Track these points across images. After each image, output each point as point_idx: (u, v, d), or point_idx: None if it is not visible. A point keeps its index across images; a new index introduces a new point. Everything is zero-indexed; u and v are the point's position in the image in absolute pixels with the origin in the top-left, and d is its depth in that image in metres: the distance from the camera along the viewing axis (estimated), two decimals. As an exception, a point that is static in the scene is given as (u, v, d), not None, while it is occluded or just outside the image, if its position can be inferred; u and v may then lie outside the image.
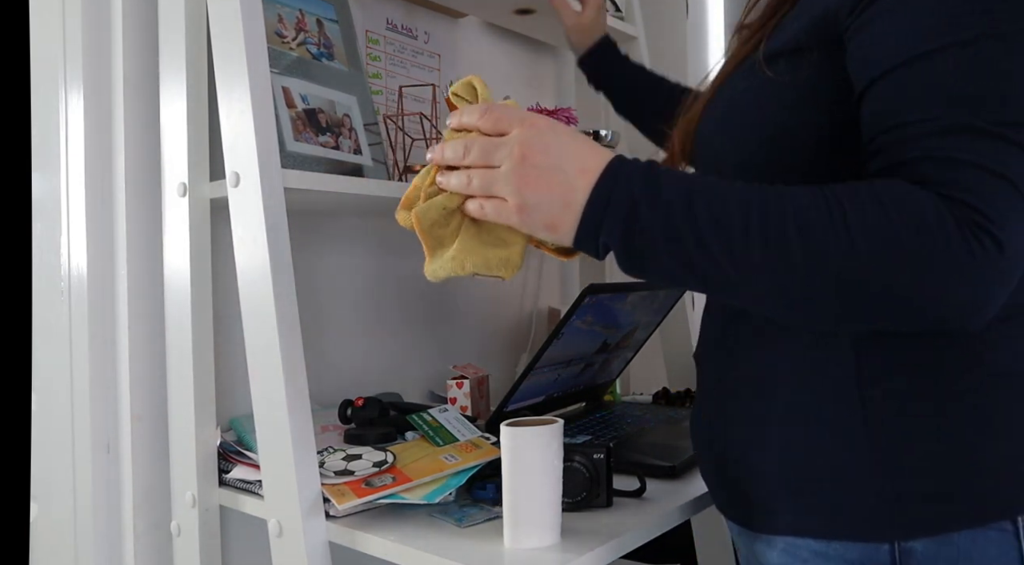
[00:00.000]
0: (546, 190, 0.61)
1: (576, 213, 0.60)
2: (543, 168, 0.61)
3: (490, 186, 0.63)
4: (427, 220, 0.66)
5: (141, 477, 0.99)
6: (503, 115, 0.64)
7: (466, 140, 0.65)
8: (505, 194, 0.62)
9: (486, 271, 0.66)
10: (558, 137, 0.62)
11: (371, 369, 1.28)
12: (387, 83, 1.35)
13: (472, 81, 0.71)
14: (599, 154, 0.62)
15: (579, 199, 0.60)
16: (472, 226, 0.66)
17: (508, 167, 0.62)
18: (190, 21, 0.94)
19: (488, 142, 0.63)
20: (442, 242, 0.67)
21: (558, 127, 0.63)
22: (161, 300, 0.99)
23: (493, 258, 0.66)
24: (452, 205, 0.65)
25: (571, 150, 0.62)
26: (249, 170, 0.86)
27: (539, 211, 0.61)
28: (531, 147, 0.61)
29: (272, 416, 0.84)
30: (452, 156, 0.65)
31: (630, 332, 1.34)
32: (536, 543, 0.74)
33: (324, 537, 0.83)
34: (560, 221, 0.61)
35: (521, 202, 0.61)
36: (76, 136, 1.00)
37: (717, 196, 0.57)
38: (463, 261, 0.66)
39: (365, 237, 1.28)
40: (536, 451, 0.73)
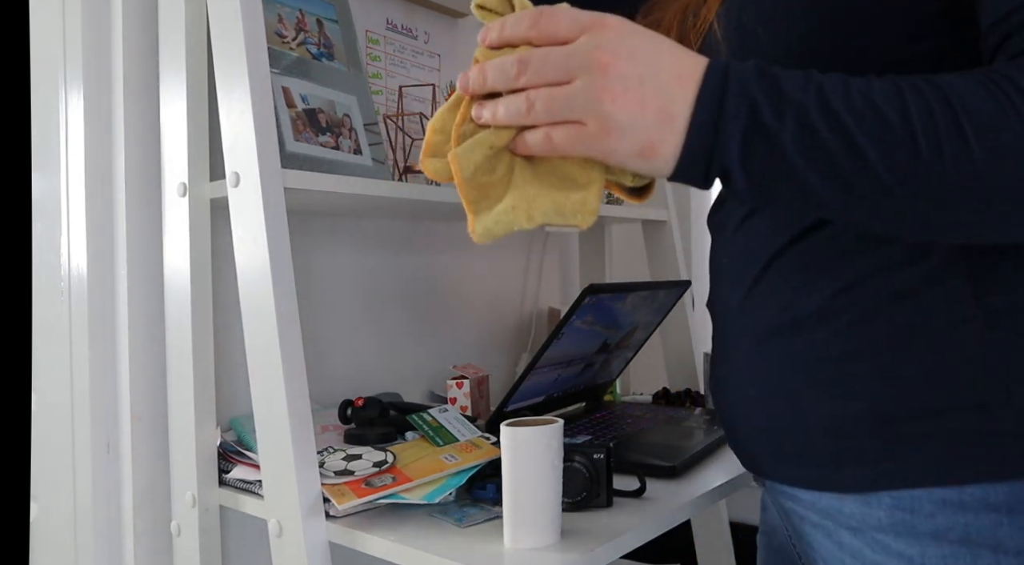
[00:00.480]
0: (639, 104, 0.48)
1: (681, 129, 0.48)
2: (631, 78, 0.48)
3: (563, 108, 0.49)
4: (471, 164, 0.51)
5: (141, 477, 0.99)
6: (564, 18, 0.50)
7: (518, 53, 0.50)
8: (583, 116, 0.49)
9: (560, 220, 0.52)
10: (643, 38, 0.50)
11: (371, 369, 1.28)
12: (387, 83, 1.35)
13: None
14: (694, 56, 0.50)
15: (681, 111, 0.48)
16: (527, 167, 0.53)
17: (586, 81, 0.49)
18: (190, 21, 0.94)
19: (553, 51, 0.50)
20: (487, 192, 0.52)
21: (637, 28, 0.51)
22: (161, 300, 0.99)
23: (567, 203, 0.52)
24: (501, 142, 0.51)
25: (661, 52, 0.50)
26: (249, 170, 0.86)
27: (632, 132, 0.49)
28: (612, 52, 0.49)
29: (272, 416, 0.84)
30: (499, 77, 0.51)
31: (630, 332, 1.34)
32: (536, 543, 0.74)
33: (324, 537, 0.83)
34: (659, 142, 0.49)
35: (607, 123, 0.49)
36: (76, 136, 1.00)
37: (854, 88, 0.47)
38: (528, 210, 0.51)
39: (365, 237, 1.28)
40: (536, 451, 0.73)
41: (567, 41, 0.50)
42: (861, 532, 0.59)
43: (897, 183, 0.46)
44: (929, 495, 0.55)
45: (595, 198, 0.52)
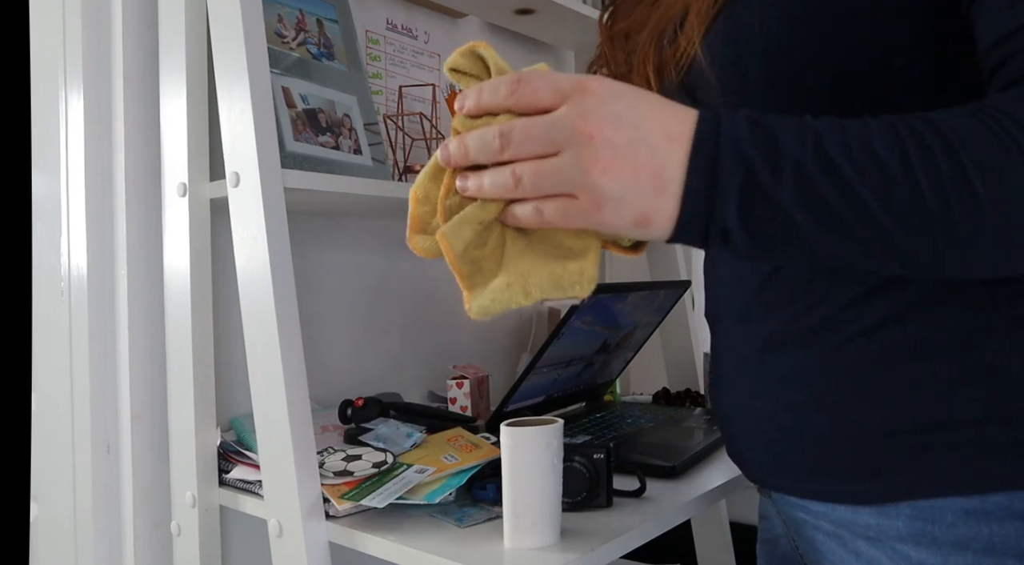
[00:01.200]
0: (630, 173, 0.46)
1: (675, 196, 0.46)
2: (620, 145, 0.46)
3: (552, 183, 0.47)
4: (460, 242, 0.49)
5: (141, 477, 0.99)
6: (544, 85, 0.48)
7: (499, 125, 0.48)
8: (573, 188, 0.47)
9: (558, 294, 0.50)
10: (626, 100, 0.47)
11: (371, 369, 1.28)
12: (387, 83, 1.35)
13: (476, 48, 0.53)
14: (681, 112, 0.48)
15: (676, 177, 0.46)
16: (519, 239, 0.51)
17: (573, 153, 0.46)
18: (190, 21, 0.94)
19: (536, 122, 0.47)
20: (480, 266, 0.51)
21: (619, 87, 0.48)
22: (161, 300, 0.99)
23: (564, 275, 0.50)
24: (490, 216, 0.49)
25: (646, 113, 0.47)
26: (249, 170, 0.86)
27: (625, 203, 0.46)
28: (597, 120, 0.46)
29: (272, 416, 0.84)
30: (481, 150, 0.49)
31: (630, 332, 1.34)
32: (536, 543, 0.74)
33: (324, 537, 0.83)
34: (654, 210, 0.47)
35: (598, 196, 0.46)
36: (76, 136, 1.00)
37: (852, 135, 0.45)
38: (525, 287, 0.49)
39: (365, 237, 1.28)
40: (536, 451, 0.73)
41: (548, 109, 0.48)
42: (879, 542, 0.58)
43: (904, 233, 0.45)
44: (951, 504, 0.54)
45: (593, 266, 0.50)
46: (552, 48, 1.72)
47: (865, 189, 0.44)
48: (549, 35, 1.61)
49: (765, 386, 0.64)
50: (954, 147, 0.44)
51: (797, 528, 0.67)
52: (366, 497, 0.81)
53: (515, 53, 1.63)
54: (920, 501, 0.55)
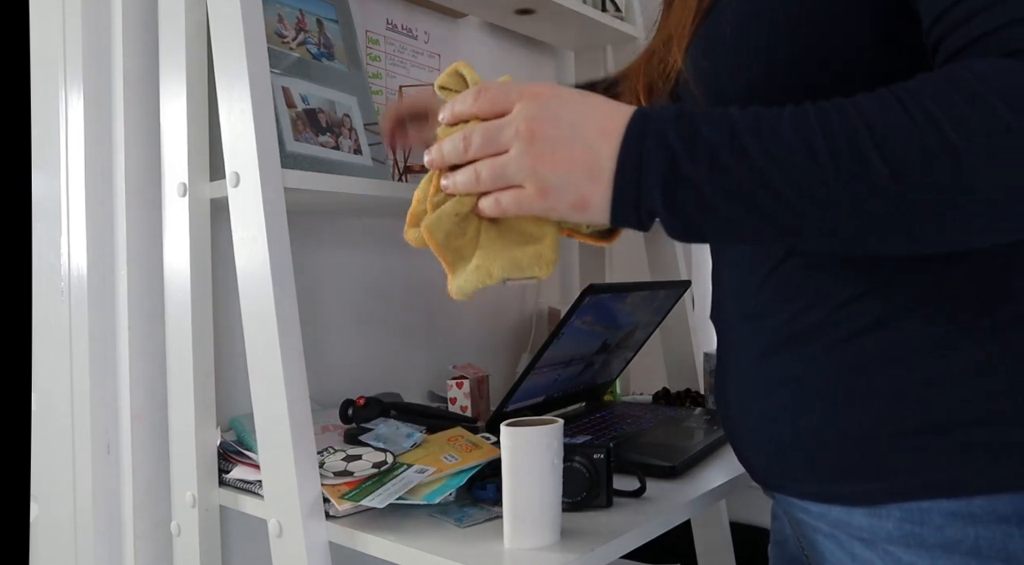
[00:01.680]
0: (566, 164, 0.53)
1: (607, 183, 0.52)
2: (557, 140, 0.53)
3: (502, 175, 0.55)
4: (440, 232, 0.58)
5: (141, 477, 0.99)
6: (499, 93, 0.56)
7: (464, 131, 0.57)
8: (521, 180, 0.55)
9: (518, 274, 0.58)
10: (567, 102, 0.55)
11: (371, 369, 1.28)
12: (387, 83, 1.35)
13: (458, 68, 0.62)
14: (618, 111, 0.53)
15: (606, 165, 0.52)
16: (492, 228, 0.59)
17: (518, 148, 0.54)
18: (190, 21, 0.94)
19: (489, 126, 0.56)
20: (462, 254, 0.59)
21: (563, 92, 0.55)
22: (161, 300, 0.99)
23: (523, 257, 0.58)
24: (464, 209, 0.57)
25: (585, 113, 0.54)
26: (249, 170, 0.86)
27: (564, 190, 0.53)
28: (538, 120, 0.54)
29: (272, 416, 0.84)
30: (452, 153, 0.58)
31: (630, 332, 1.34)
32: (536, 543, 0.74)
33: (324, 537, 0.83)
34: (590, 195, 0.53)
35: (541, 185, 0.54)
36: (76, 136, 1.00)
37: (767, 124, 0.49)
38: (489, 268, 0.58)
39: (365, 237, 1.28)
40: (536, 451, 0.73)
41: (504, 113, 0.56)
42: (872, 543, 0.59)
43: (810, 207, 0.47)
44: (938, 507, 0.55)
45: (550, 249, 0.59)
46: (552, 48, 1.72)
47: (772, 168, 0.47)
48: (549, 35, 1.61)
49: (765, 387, 0.64)
50: (856, 128, 0.46)
51: (800, 529, 0.68)
52: (366, 497, 0.81)
53: (515, 53, 1.63)
54: (909, 503, 0.56)
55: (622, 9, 1.59)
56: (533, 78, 1.67)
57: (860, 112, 0.47)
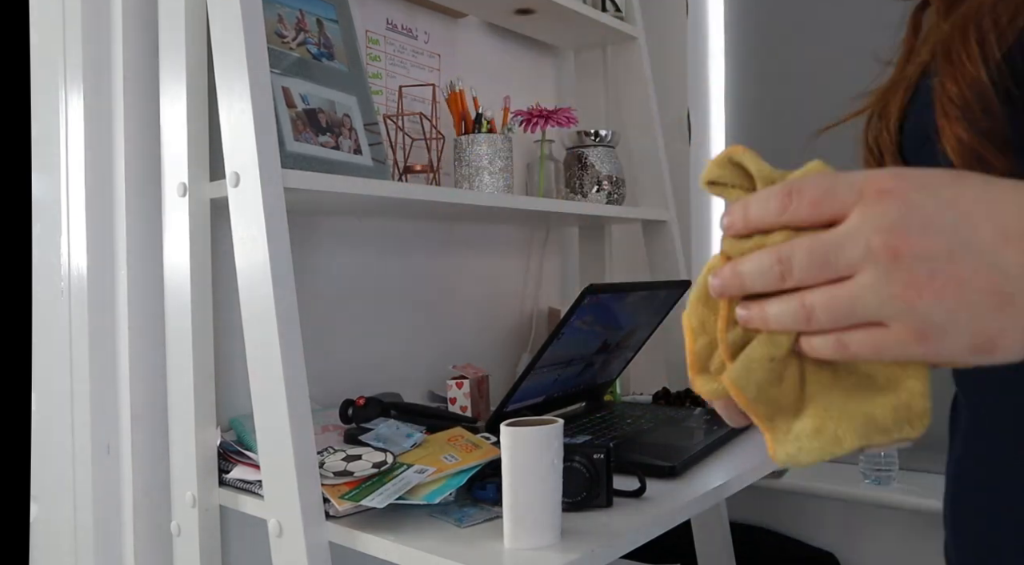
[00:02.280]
0: (956, 292, 0.36)
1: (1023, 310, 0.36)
2: (937, 257, 0.36)
3: (851, 313, 0.38)
4: (752, 386, 0.42)
5: (141, 477, 0.99)
6: (822, 192, 0.39)
7: (777, 248, 0.40)
8: (884, 317, 0.37)
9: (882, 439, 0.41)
10: (939, 196, 0.37)
11: (371, 369, 1.28)
12: (387, 83, 1.35)
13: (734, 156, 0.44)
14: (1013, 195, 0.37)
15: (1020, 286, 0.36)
16: (823, 370, 0.42)
17: (875, 274, 0.37)
18: (190, 21, 0.94)
19: (819, 243, 0.38)
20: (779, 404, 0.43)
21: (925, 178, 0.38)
22: (161, 300, 0.99)
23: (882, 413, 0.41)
24: (781, 351, 0.41)
25: (972, 210, 0.37)
26: (249, 170, 0.86)
27: (956, 329, 0.36)
28: (901, 229, 0.36)
29: (272, 416, 0.84)
30: (759, 278, 0.40)
31: (630, 332, 1.34)
32: (536, 543, 0.74)
33: (324, 537, 0.83)
34: (998, 332, 0.36)
35: (921, 324, 0.37)
36: (76, 136, 1.00)
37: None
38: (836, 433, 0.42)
39: (365, 237, 1.28)
40: (536, 451, 0.73)
41: (834, 220, 0.39)
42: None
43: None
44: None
45: (921, 397, 0.40)
46: (552, 48, 1.72)
47: None
48: (549, 35, 1.61)
49: None
50: None
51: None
52: (366, 497, 0.81)
53: (515, 53, 1.63)
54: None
55: (622, 9, 1.59)
56: (533, 78, 1.67)
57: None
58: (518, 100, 1.50)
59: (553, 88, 1.73)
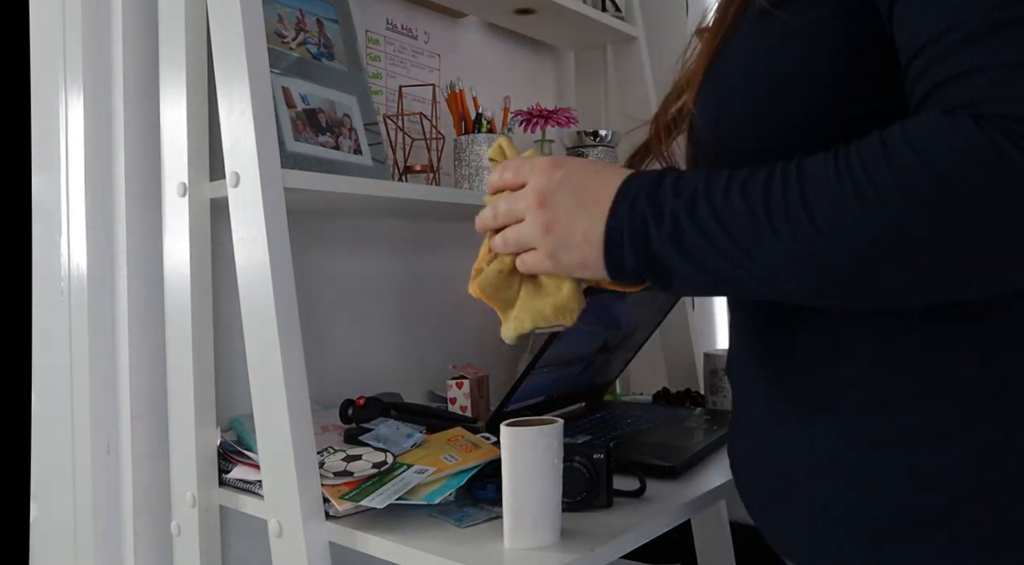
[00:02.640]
0: (567, 231, 0.60)
1: (598, 246, 0.59)
2: (559, 209, 0.61)
3: (519, 240, 0.63)
4: (490, 287, 0.67)
5: (141, 477, 0.99)
6: (518, 167, 0.64)
7: (493, 203, 0.66)
8: (534, 244, 0.62)
9: (544, 323, 0.66)
10: (569, 174, 0.62)
11: (371, 369, 1.28)
12: (387, 83, 1.35)
13: (500, 143, 0.72)
14: (613, 179, 0.60)
15: (597, 231, 0.59)
16: (529, 281, 0.67)
17: (529, 217, 0.62)
18: (190, 21, 0.94)
19: (509, 197, 0.64)
20: (511, 303, 0.68)
21: (570, 165, 0.62)
22: (161, 300, 0.99)
23: (547, 308, 0.65)
24: (506, 267, 0.66)
25: (583, 184, 0.61)
26: (249, 170, 0.86)
27: (567, 253, 0.61)
28: (544, 191, 0.62)
29: (272, 416, 0.84)
30: (488, 220, 0.66)
31: (630, 332, 1.34)
32: (536, 543, 0.74)
33: (324, 537, 0.83)
34: (588, 258, 0.60)
35: (548, 248, 0.61)
36: (76, 136, 1.00)
37: (725, 188, 0.53)
38: (521, 319, 0.66)
39: (365, 237, 1.28)
40: (536, 451, 0.73)
41: (522, 185, 0.64)
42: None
43: (759, 268, 0.52)
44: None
45: (571, 299, 0.65)
46: (552, 48, 1.72)
47: (722, 232, 0.52)
48: (549, 35, 1.61)
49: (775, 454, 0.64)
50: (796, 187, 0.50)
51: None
52: (366, 497, 0.81)
53: (515, 53, 1.63)
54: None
55: (622, 9, 1.59)
56: (533, 78, 1.67)
57: (801, 178, 0.50)
58: (518, 100, 1.50)
59: (553, 88, 1.73)
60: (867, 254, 0.48)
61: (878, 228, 0.47)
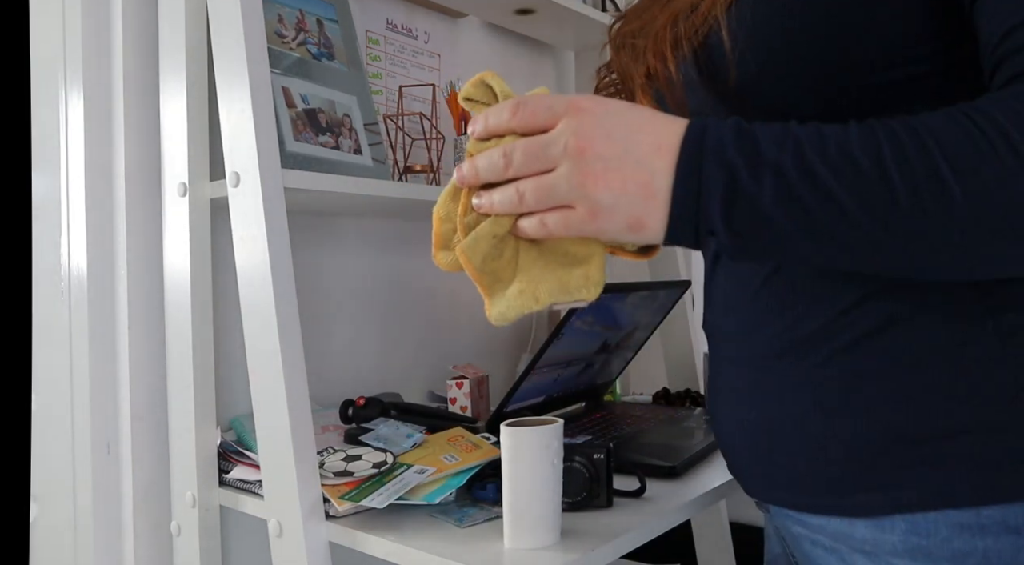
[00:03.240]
0: (620, 184, 0.50)
1: (664, 202, 0.50)
2: (610, 158, 0.50)
3: (550, 195, 0.51)
4: (478, 255, 0.54)
5: (141, 477, 0.99)
6: (541, 106, 0.52)
7: (503, 146, 0.53)
8: (570, 200, 0.51)
9: (565, 298, 0.54)
10: (617, 115, 0.51)
11: (371, 369, 1.28)
12: (387, 83, 1.35)
13: (485, 78, 0.57)
14: (672, 124, 0.51)
15: (663, 184, 0.49)
16: (532, 248, 0.55)
17: (567, 167, 0.50)
18: (190, 21, 0.94)
19: (533, 142, 0.52)
20: (499, 276, 0.55)
21: (612, 105, 0.52)
22: (161, 300, 0.99)
23: (570, 279, 0.55)
24: (503, 230, 0.54)
25: (638, 126, 0.51)
26: (249, 170, 0.86)
27: (618, 211, 0.50)
28: (588, 136, 0.50)
29: (272, 416, 0.84)
30: (489, 170, 0.53)
31: (630, 332, 1.34)
32: (536, 543, 0.74)
33: (324, 537, 0.83)
34: (646, 216, 0.50)
35: (593, 205, 0.50)
36: (76, 136, 1.00)
37: (831, 139, 0.47)
38: (535, 293, 0.54)
39: (365, 237, 1.28)
40: (536, 451, 0.73)
41: (546, 129, 0.52)
42: (876, 556, 0.57)
43: (880, 231, 0.46)
44: (945, 518, 0.53)
45: (597, 270, 0.55)
46: (552, 48, 1.72)
47: (841, 190, 0.46)
48: (549, 35, 1.61)
49: (761, 398, 0.63)
50: (929, 148, 0.45)
51: (796, 543, 0.66)
52: (366, 497, 0.81)
53: (515, 53, 1.63)
54: (915, 514, 0.54)
55: (622, 9, 1.59)
56: (533, 78, 1.67)
57: (929, 128, 0.46)
58: (518, 100, 1.50)
59: (553, 88, 1.73)
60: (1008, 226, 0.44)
61: None
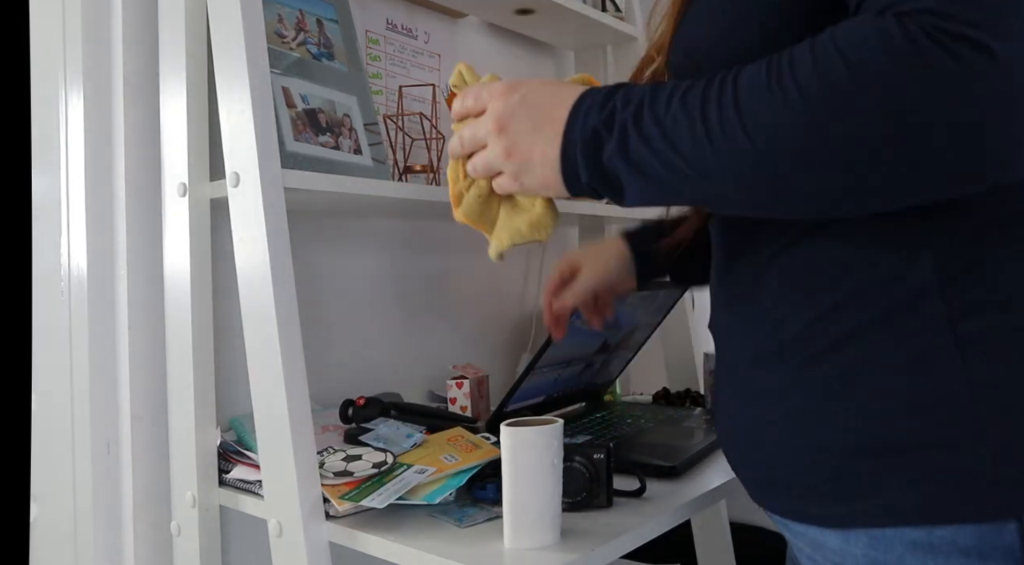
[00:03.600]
0: (526, 153, 0.62)
1: (556, 165, 0.60)
2: (517, 133, 0.62)
3: (486, 166, 0.65)
4: (473, 213, 0.70)
5: (141, 477, 0.99)
6: (478, 94, 0.65)
7: (460, 131, 0.67)
8: (500, 169, 0.64)
9: (521, 240, 0.69)
10: (526, 97, 0.62)
11: (371, 369, 1.28)
12: (387, 83, 1.35)
13: (459, 69, 0.72)
14: (567, 98, 0.60)
15: (553, 152, 0.60)
16: (506, 202, 0.70)
17: (491, 143, 0.64)
18: (190, 21, 0.94)
19: (473, 125, 0.65)
20: (491, 223, 0.71)
21: (525, 87, 0.63)
22: (161, 300, 0.99)
23: (522, 225, 0.69)
24: (483, 192, 0.69)
25: (539, 105, 0.62)
26: (249, 170, 0.86)
27: (529, 175, 0.62)
28: (502, 117, 0.63)
29: (272, 416, 0.84)
30: (456, 148, 0.68)
31: (630, 332, 1.34)
32: (536, 543, 0.74)
33: (324, 537, 0.83)
34: (548, 177, 0.61)
35: (512, 171, 0.63)
36: (76, 136, 1.00)
37: (669, 98, 0.54)
38: (500, 238, 0.70)
39: (365, 237, 1.28)
40: (536, 451, 0.73)
41: (483, 112, 0.65)
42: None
43: (700, 174, 0.53)
44: (900, 536, 0.54)
45: (544, 215, 0.68)
46: (552, 48, 1.72)
47: (663, 140, 0.54)
48: (549, 35, 1.61)
49: (751, 401, 0.64)
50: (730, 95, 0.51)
51: (790, 545, 0.67)
52: (366, 497, 0.81)
53: (515, 53, 1.63)
54: (875, 529, 0.55)
55: (622, 9, 1.59)
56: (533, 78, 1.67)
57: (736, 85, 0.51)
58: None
59: (553, 88, 1.73)
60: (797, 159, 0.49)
61: (804, 131, 0.48)
